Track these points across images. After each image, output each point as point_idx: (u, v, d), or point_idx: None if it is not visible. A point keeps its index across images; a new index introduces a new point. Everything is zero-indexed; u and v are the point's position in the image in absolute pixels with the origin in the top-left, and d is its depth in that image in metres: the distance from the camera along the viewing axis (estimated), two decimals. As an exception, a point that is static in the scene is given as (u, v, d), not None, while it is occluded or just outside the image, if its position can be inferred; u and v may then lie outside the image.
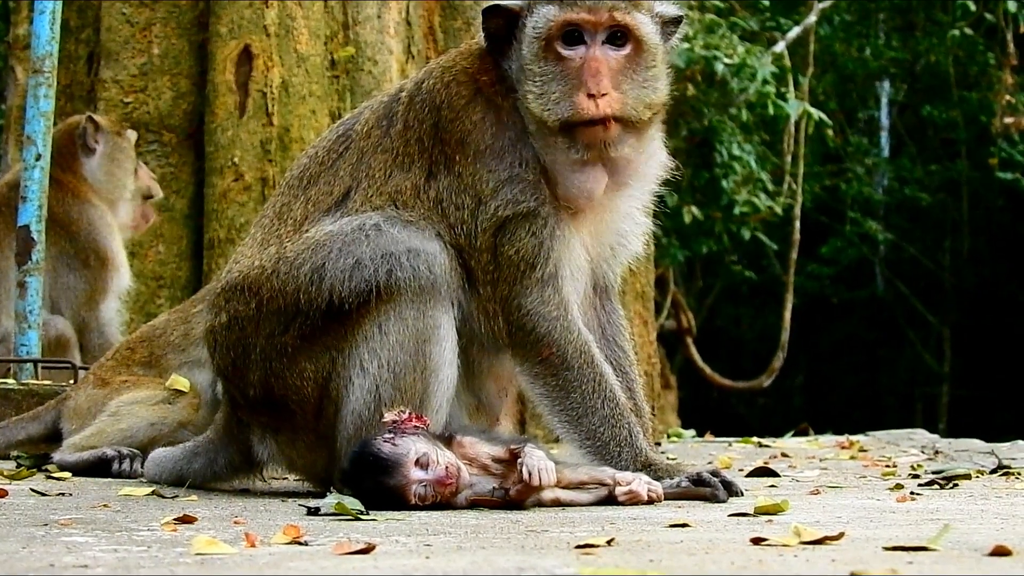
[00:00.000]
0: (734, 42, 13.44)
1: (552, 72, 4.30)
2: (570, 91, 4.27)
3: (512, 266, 4.28)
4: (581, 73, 4.28)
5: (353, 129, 4.54)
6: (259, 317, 4.31)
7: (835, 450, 7.32)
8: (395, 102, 4.51)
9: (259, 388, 4.34)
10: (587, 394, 4.27)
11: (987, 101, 20.03)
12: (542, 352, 4.28)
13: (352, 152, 4.48)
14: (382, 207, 4.33)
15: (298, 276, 4.23)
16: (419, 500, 3.81)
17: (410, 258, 4.20)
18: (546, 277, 4.29)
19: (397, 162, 4.39)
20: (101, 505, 3.99)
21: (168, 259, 7.85)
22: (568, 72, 4.29)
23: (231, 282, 4.43)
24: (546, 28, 4.29)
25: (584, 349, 4.29)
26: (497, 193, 4.29)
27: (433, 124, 4.38)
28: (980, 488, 4.61)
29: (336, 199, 4.41)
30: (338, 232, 4.27)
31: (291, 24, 7.77)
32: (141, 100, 7.89)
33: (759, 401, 22.80)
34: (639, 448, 4.27)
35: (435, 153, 4.37)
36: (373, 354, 4.19)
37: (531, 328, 4.28)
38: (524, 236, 4.27)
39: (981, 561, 2.55)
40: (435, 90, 4.43)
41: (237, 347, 4.37)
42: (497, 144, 4.34)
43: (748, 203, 14.34)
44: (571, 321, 4.31)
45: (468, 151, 4.34)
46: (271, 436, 4.43)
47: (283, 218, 4.47)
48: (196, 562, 2.62)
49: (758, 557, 2.60)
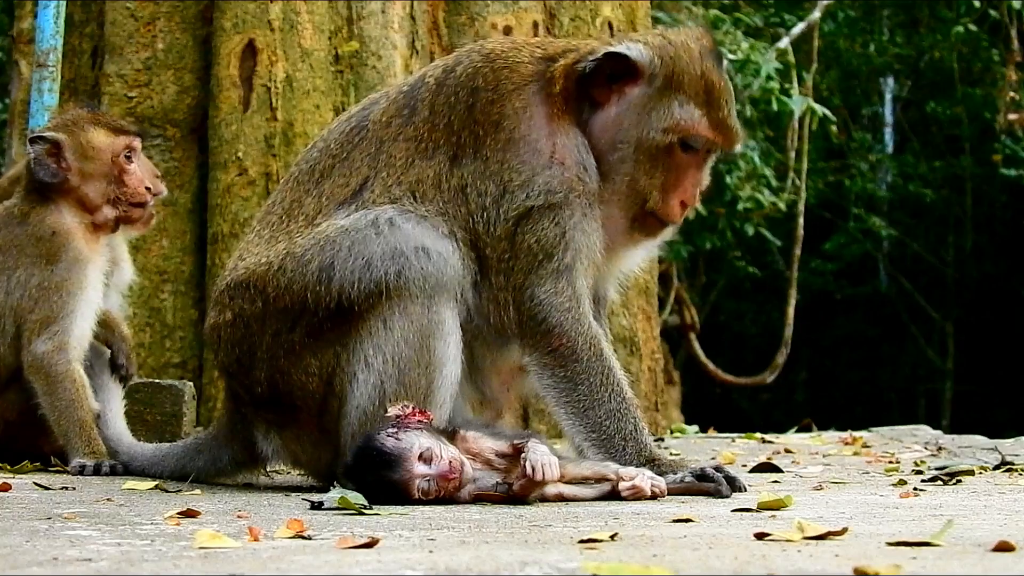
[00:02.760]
0: (738, 38, 13.43)
1: (662, 158, 4.37)
2: (665, 188, 4.39)
3: (530, 255, 4.28)
4: (684, 179, 4.40)
5: (368, 119, 4.50)
6: (265, 315, 4.29)
7: (838, 446, 7.32)
8: (418, 89, 4.47)
9: (264, 385, 4.33)
10: (595, 387, 4.27)
11: (991, 97, 20.01)
12: (552, 343, 4.28)
13: (369, 142, 4.44)
14: (399, 199, 4.30)
15: (306, 274, 4.21)
16: (422, 495, 3.81)
17: (419, 257, 4.18)
18: (561, 268, 4.29)
19: (420, 149, 4.37)
20: (104, 499, 4.00)
21: (172, 253, 7.85)
22: (670, 167, 4.38)
23: (236, 279, 4.40)
24: (678, 128, 4.35)
25: (594, 342, 4.30)
26: (528, 185, 4.29)
27: (468, 106, 4.36)
28: (983, 484, 4.61)
29: (352, 190, 4.37)
30: (350, 227, 4.24)
31: (295, 19, 7.76)
32: (145, 95, 7.89)
33: (762, 397, 22.79)
34: (643, 443, 4.27)
35: (463, 136, 4.34)
36: (377, 350, 4.19)
37: (542, 318, 4.28)
38: (547, 224, 4.28)
39: (984, 557, 2.55)
40: (478, 72, 4.40)
41: (242, 344, 4.36)
42: (533, 135, 4.33)
43: (752, 199, 14.34)
44: (583, 313, 4.31)
45: (501, 136, 4.32)
46: (275, 432, 4.43)
47: (293, 214, 4.44)
48: (199, 556, 2.62)
49: (761, 552, 2.60)
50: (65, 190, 5.30)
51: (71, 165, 5.29)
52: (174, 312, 7.79)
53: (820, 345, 23.50)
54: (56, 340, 5.15)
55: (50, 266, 5.21)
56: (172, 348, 7.71)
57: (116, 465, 5.04)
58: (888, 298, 23.92)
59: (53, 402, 5.15)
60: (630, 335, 8.21)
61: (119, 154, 5.34)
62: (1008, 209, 23.20)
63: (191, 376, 7.34)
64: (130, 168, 5.36)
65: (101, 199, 5.31)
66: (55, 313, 5.16)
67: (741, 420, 17.34)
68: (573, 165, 4.33)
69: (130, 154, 5.37)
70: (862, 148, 22.59)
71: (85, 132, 5.35)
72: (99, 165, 5.32)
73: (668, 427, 9.42)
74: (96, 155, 5.32)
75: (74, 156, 5.30)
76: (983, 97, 20.73)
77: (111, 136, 5.36)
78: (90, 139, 5.34)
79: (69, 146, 5.30)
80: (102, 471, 5.00)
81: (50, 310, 5.17)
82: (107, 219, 5.35)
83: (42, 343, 5.15)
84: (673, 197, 4.39)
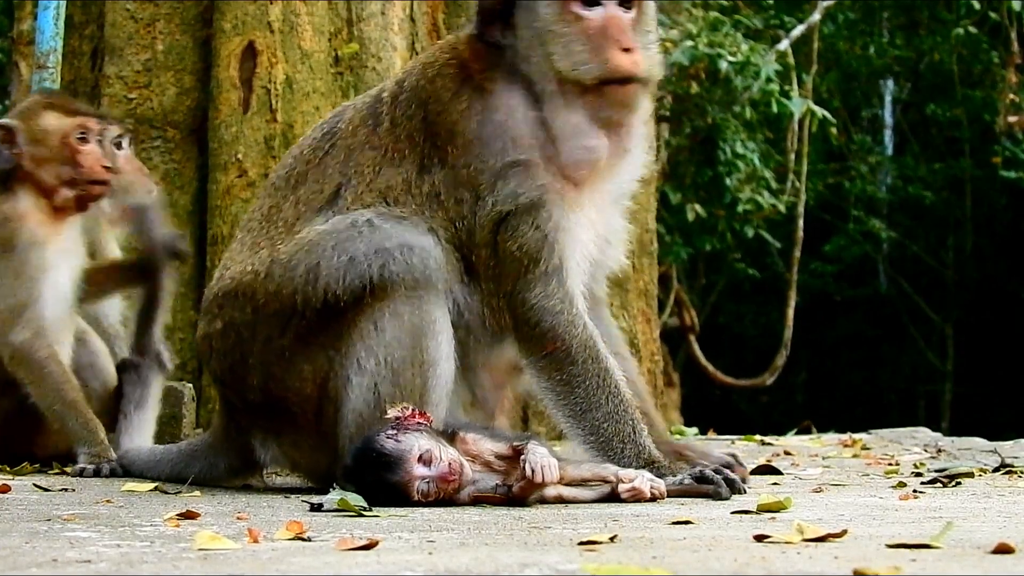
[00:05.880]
0: (738, 40, 13.43)
1: (574, 32, 4.27)
2: (598, 49, 4.25)
3: (515, 261, 4.25)
4: (606, 32, 4.26)
5: (337, 128, 4.51)
6: (255, 322, 4.29)
7: (838, 448, 7.32)
8: (378, 102, 4.49)
9: (259, 392, 4.32)
10: (591, 389, 4.26)
11: (991, 99, 20.01)
12: (547, 346, 4.27)
13: (339, 149, 4.45)
14: (373, 204, 4.30)
15: (293, 277, 4.21)
16: (422, 496, 3.81)
17: (403, 252, 4.18)
18: (551, 270, 4.26)
19: (387, 158, 4.37)
20: (104, 501, 4.00)
21: (171, 255, 7.84)
22: (590, 32, 4.27)
23: (224, 289, 4.41)
24: None
25: (589, 344, 4.28)
26: (494, 188, 4.26)
27: (422, 119, 4.37)
28: (983, 486, 4.61)
29: (327, 197, 4.38)
30: (331, 230, 4.25)
31: (295, 20, 7.76)
32: (145, 96, 7.89)
33: (762, 399, 22.79)
34: (642, 445, 4.27)
35: (426, 148, 4.34)
36: (369, 351, 4.17)
37: (535, 322, 4.26)
38: (527, 230, 4.24)
39: (984, 559, 2.55)
40: (419, 86, 4.41)
41: (234, 353, 4.35)
42: (485, 131, 4.30)
43: (751, 201, 14.33)
44: (576, 315, 4.28)
45: (458, 142, 4.31)
46: (272, 439, 4.42)
47: (272, 220, 4.44)
48: (199, 557, 2.62)
49: (761, 554, 2.60)
50: (21, 176, 5.32)
51: (24, 150, 5.31)
52: (174, 313, 7.78)
53: (820, 347, 23.49)
54: (31, 327, 5.14)
55: (7, 254, 5.21)
56: (172, 349, 7.71)
57: (116, 467, 5.04)
58: (888, 300, 23.92)
59: (42, 390, 5.14)
60: (630, 337, 8.20)
61: (70, 135, 5.36)
62: (1008, 211, 23.20)
63: (191, 378, 7.34)
64: (84, 148, 5.36)
65: (56, 181, 5.32)
66: (23, 300, 5.15)
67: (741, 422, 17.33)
68: (528, 137, 4.28)
69: (84, 134, 5.38)
70: (862, 150, 22.59)
71: (37, 116, 5.39)
72: (50, 148, 5.34)
73: (668, 429, 9.40)
74: (46, 138, 5.35)
75: (26, 141, 5.33)
76: (983, 99, 20.73)
77: (62, 118, 5.38)
78: (41, 123, 5.37)
79: (22, 131, 5.34)
80: (102, 473, 5.00)
81: (16, 298, 5.16)
82: (66, 200, 5.35)
83: (18, 333, 5.14)
84: (611, 51, 4.24)
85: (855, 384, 24.14)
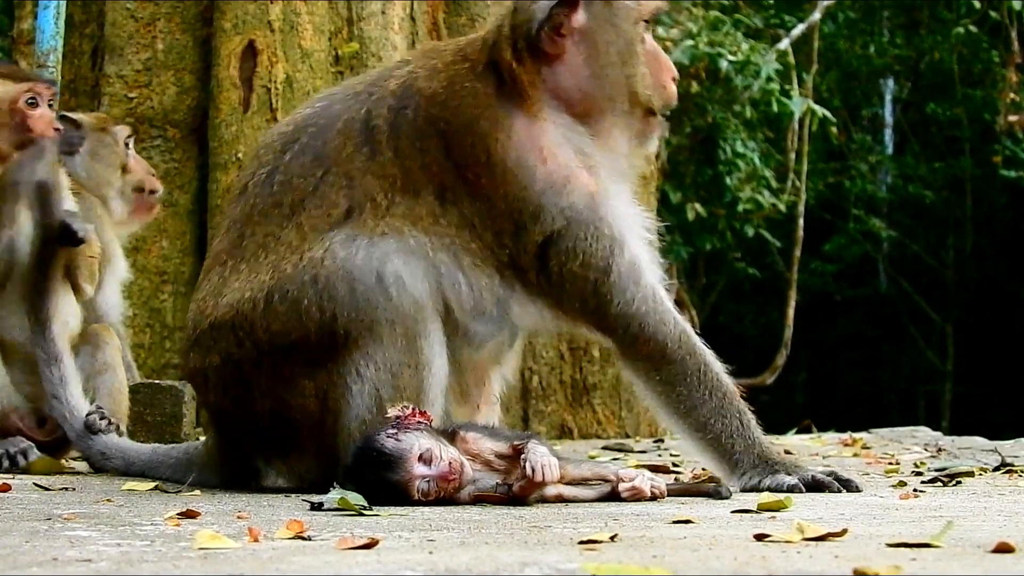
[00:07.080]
0: (738, 39, 13.44)
1: (642, 55, 4.23)
2: (660, 75, 4.24)
3: (579, 279, 4.12)
4: (659, 58, 4.25)
5: (325, 152, 4.24)
6: (259, 355, 4.16)
7: (838, 447, 7.32)
8: (372, 129, 4.22)
9: (267, 418, 4.22)
10: (692, 386, 4.15)
11: (991, 98, 20.02)
12: (640, 349, 4.16)
13: (337, 176, 4.20)
14: (389, 233, 4.11)
15: (299, 309, 4.08)
16: (422, 496, 3.81)
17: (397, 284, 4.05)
18: (624, 275, 4.13)
19: (397, 187, 4.16)
20: (104, 500, 3.99)
21: (171, 254, 7.86)
22: (648, 56, 4.25)
23: (219, 319, 4.22)
24: (648, 9, 4.23)
25: (684, 339, 4.17)
26: (540, 215, 4.09)
27: (441, 151, 4.14)
28: (983, 486, 4.61)
29: (335, 221, 4.16)
30: (339, 256, 4.08)
31: (295, 20, 7.77)
32: (145, 95, 7.89)
33: (762, 398, 22.69)
34: (753, 439, 4.16)
35: (447, 179, 4.14)
36: (368, 359, 4.11)
37: (623, 329, 4.15)
38: (585, 245, 4.09)
39: (984, 558, 2.55)
40: (431, 115, 4.17)
41: (237, 388, 4.23)
42: (530, 159, 4.12)
43: (752, 200, 14.34)
44: (663, 311, 4.17)
45: (496, 171, 4.11)
46: (278, 459, 4.35)
47: (270, 247, 4.22)
48: (199, 556, 2.62)
49: (761, 553, 2.60)
50: None
51: None
52: (174, 313, 7.80)
53: (820, 346, 23.50)
54: None
55: None
56: (172, 349, 7.71)
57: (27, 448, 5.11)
58: (888, 299, 23.93)
59: None
60: (630, 336, 8.20)
61: (18, 100, 5.39)
62: (1008, 210, 23.21)
63: (190, 377, 7.34)
64: (34, 112, 5.40)
65: (8, 146, 5.36)
66: None
67: (741, 421, 17.28)
68: (569, 163, 4.14)
69: (34, 99, 5.40)
70: (862, 149, 22.60)
71: None
72: (1, 114, 5.37)
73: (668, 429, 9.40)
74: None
75: None
76: (983, 98, 20.74)
77: (8, 84, 5.41)
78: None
79: None
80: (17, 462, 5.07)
81: None
82: None
83: None
84: (668, 80, 4.25)
85: (855, 384, 24.14)
